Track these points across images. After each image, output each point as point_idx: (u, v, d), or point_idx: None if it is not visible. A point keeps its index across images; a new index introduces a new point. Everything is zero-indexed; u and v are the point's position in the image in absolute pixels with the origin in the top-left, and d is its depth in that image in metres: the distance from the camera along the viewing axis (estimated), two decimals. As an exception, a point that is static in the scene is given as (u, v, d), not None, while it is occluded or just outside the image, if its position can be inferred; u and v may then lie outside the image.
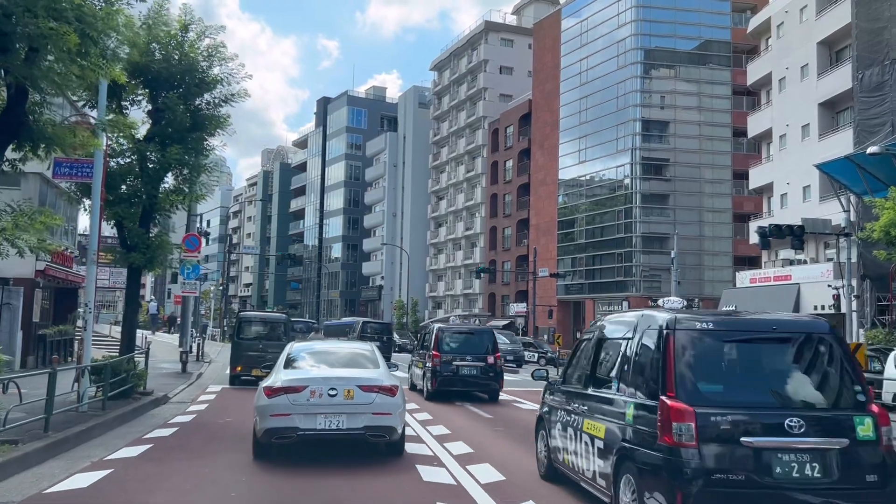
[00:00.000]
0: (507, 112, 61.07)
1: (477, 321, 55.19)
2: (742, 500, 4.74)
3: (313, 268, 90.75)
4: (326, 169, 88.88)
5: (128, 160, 13.88)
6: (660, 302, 6.15)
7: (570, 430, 6.57)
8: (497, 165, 61.74)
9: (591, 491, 6.14)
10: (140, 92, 13.77)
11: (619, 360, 5.91)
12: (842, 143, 30.91)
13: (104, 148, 11.58)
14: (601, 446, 5.79)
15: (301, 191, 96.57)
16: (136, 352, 15.10)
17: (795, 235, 23.02)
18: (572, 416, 6.58)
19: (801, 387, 5.18)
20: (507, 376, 18.54)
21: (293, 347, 9.53)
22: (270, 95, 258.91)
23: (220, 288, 43.54)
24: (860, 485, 4.81)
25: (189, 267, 19.60)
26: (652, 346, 5.35)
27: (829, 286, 27.51)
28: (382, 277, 76.95)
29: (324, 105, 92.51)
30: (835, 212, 28.43)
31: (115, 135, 13.23)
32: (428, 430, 10.67)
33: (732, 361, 5.29)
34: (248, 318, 19.62)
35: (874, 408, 5.08)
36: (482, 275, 61.07)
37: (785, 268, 34.89)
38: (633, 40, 47.55)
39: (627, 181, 47.14)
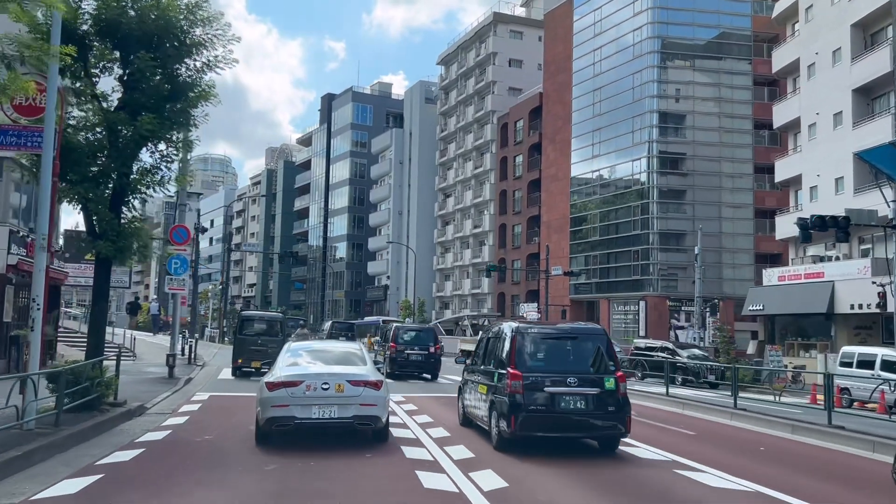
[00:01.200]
0: (517, 106, 59.15)
1: (486, 321, 53.32)
2: (544, 420, 8.96)
3: (317, 267, 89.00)
4: (331, 167, 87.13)
5: (97, 135, 12.03)
6: (522, 314, 12.24)
7: (472, 392, 10.86)
8: (506, 161, 59.83)
9: (481, 426, 10.30)
10: (110, 56, 11.92)
11: (494, 349, 10.17)
12: (879, 131, 28.91)
13: (60, 112, 9.74)
14: (484, 398, 10.00)
15: (305, 189, 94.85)
16: (110, 354, 13.23)
17: (840, 227, 21.02)
18: (474, 383, 10.84)
19: (579, 361, 9.40)
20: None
21: (291, 346, 10.79)
22: (278, 97, 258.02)
23: (220, 287, 41.73)
24: (605, 412, 9.11)
25: (176, 262, 17.77)
26: (507, 342, 9.56)
27: (874, 283, 25.48)
28: (388, 277, 75.12)
29: (328, 102, 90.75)
30: (872, 204, 26.47)
31: (80, 104, 11.41)
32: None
33: (544, 349, 9.57)
34: (250, 317, 21.70)
35: (619, 373, 9.32)
36: (491, 274, 59.20)
37: (816, 265, 32.86)
38: (649, 29, 45.57)
39: (644, 176, 45.16)
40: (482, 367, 10.57)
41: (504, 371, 9.30)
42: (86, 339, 18.60)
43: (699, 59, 46.17)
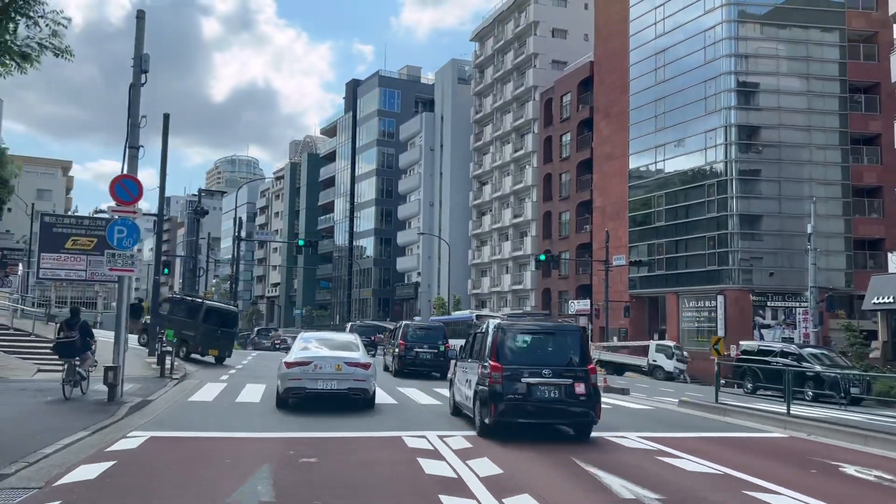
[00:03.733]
0: (563, 78, 52.84)
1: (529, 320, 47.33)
2: (521, 407, 9.86)
3: (343, 265, 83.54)
4: (357, 157, 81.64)
5: None
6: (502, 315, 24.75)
7: (461, 384, 12.00)
8: (551, 141, 53.54)
9: (468, 413, 11.27)
10: None
11: (479, 344, 11.21)
12: None
13: None
14: (471, 387, 10.88)
15: (330, 182, 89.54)
16: None
17: None
18: (463, 375, 12.01)
19: (555, 356, 10.40)
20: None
21: (304, 335, 14.37)
22: (307, 100, 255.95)
23: (230, 283, 36.20)
24: (577, 401, 9.98)
25: (120, 229, 11.97)
26: (490, 337, 10.53)
27: None
28: (419, 274, 69.25)
29: (353, 88, 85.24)
30: None
31: None
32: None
33: (523, 343, 10.59)
34: (211, 308, 22.19)
35: (590, 366, 10.38)
36: (535, 268, 52.98)
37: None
38: (722, -22, 39.01)
39: (720, 150, 38.53)
40: (469, 361, 11.73)
41: (487, 364, 10.34)
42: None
43: (781, 12, 39.47)
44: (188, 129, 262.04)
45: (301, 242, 35.37)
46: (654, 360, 32.92)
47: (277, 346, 42.55)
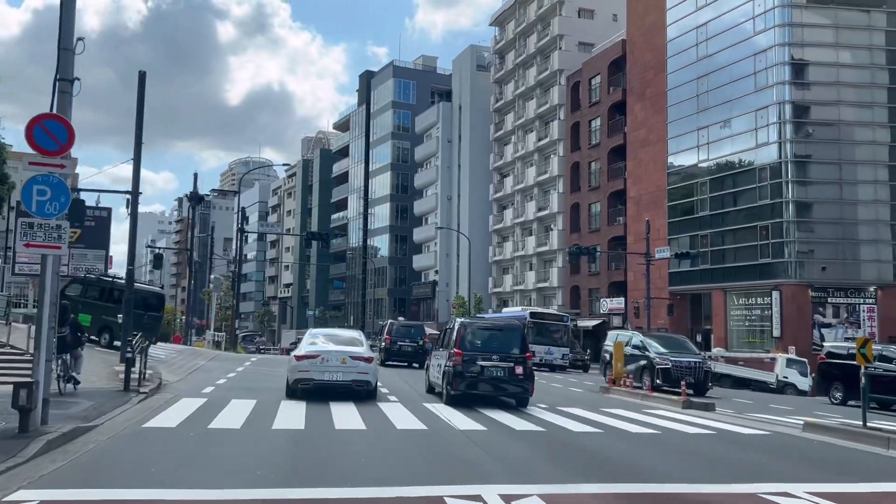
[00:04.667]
0: (592, 60, 49.18)
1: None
2: (474, 382, 12.95)
3: (357, 264, 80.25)
4: (370, 151, 78.33)
5: None
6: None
7: (434, 368, 14.95)
8: (579, 128, 49.87)
9: (438, 390, 14.21)
10: None
11: (448, 337, 14.31)
12: None
13: None
14: (441, 369, 13.80)
15: (343, 178, 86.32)
16: None
17: None
18: (435, 361, 15.08)
19: (502, 345, 13.54)
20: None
21: (312, 331, 15.51)
22: (322, 103, 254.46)
23: (231, 279, 32.91)
24: (517, 379, 13.06)
25: (41, 189, 8.58)
26: (455, 332, 13.69)
27: None
28: (436, 272, 65.78)
29: (367, 80, 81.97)
30: None
31: None
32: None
33: (479, 335, 13.78)
34: (136, 291, 19.34)
35: (528, 354, 13.51)
36: (562, 265, 49.36)
37: None
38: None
39: (772, 130, 34.73)
40: (440, 350, 14.86)
41: (452, 351, 13.47)
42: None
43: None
44: (203, 132, 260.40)
45: (311, 234, 31.95)
46: (786, 377, 27.17)
47: (262, 350, 44.41)
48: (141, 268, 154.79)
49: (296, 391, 13.08)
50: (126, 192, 17.09)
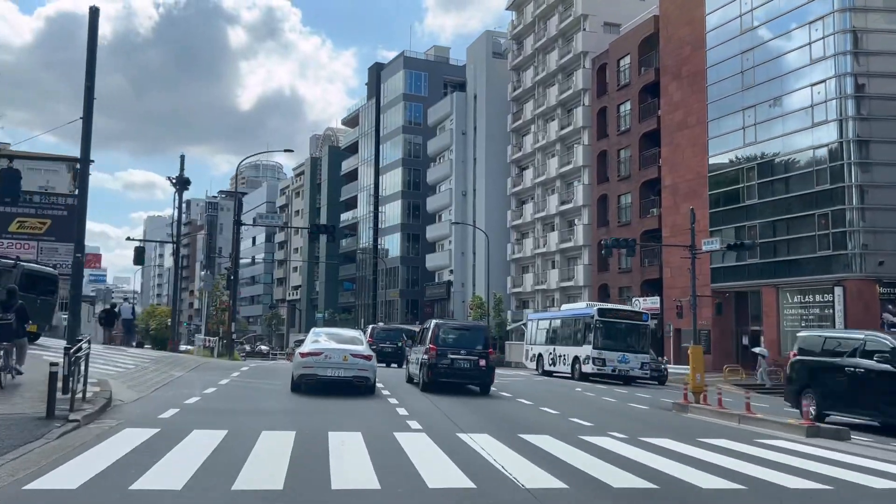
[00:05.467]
0: (620, 39, 45.49)
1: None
2: (443, 372, 15.93)
3: (368, 264, 76.84)
4: (381, 146, 74.95)
5: None
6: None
7: (413, 362, 17.80)
8: (606, 114, 46.18)
9: (415, 379, 16.93)
10: None
11: (424, 335, 16.92)
12: None
13: None
14: (418, 363, 16.71)
15: (353, 175, 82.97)
16: None
17: None
18: (413, 356, 17.83)
19: (469, 343, 16.37)
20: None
21: (316, 331, 16.19)
22: (333, 108, 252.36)
23: (229, 276, 29.48)
24: (480, 370, 16.14)
25: None
26: (431, 331, 16.42)
27: None
28: (451, 272, 62.22)
29: (376, 73, 78.61)
30: None
31: None
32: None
33: (451, 334, 16.67)
34: (27, 272, 18.22)
35: (490, 350, 16.54)
36: (588, 262, 45.67)
37: None
38: None
39: (832, 106, 30.91)
40: (418, 346, 17.61)
41: (427, 346, 16.20)
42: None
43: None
44: (215, 137, 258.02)
45: (314, 231, 28.48)
46: None
47: (267, 354, 43.78)
48: (149, 268, 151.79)
49: (300, 386, 14.17)
50: (74, 160, 13.66)
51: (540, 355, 30.73)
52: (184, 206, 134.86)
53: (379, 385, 15.44)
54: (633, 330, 26.57)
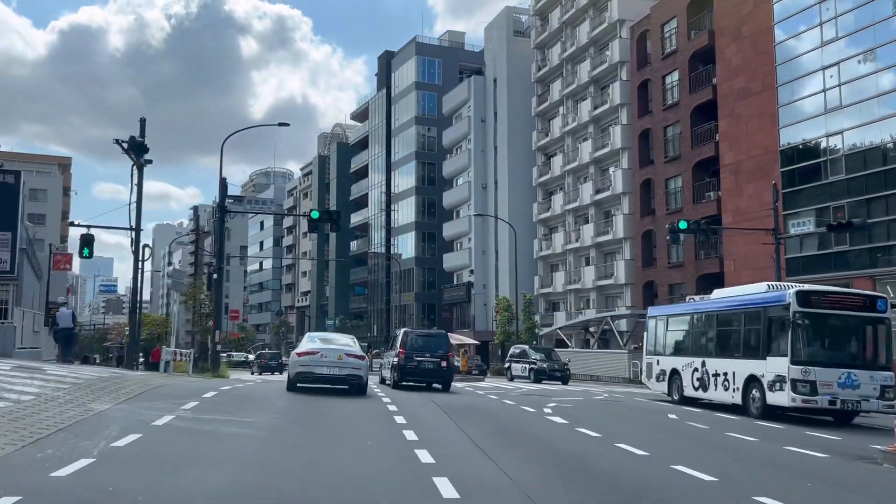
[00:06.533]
0: (663, 2, 40.00)
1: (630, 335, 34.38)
2: (413, 373, 19.34)
3: (381, 267, 71.63)
4: (392, 140, 69.82)
5: None
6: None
7: (385, 365, 21.37)
8: (648, 87, 40.73)
9: (387, 380, 20.41)
10: None
11: (395, 341, 20.69)
12: None
13: None
14: (389, 364, 20.39)
15: (363, 172, 77.91)
16: None
17: None
18: (385, 360, 21.66)
19: (433, 347, 19.64)
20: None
21: (311, 334, 18.42)
22: (344, 116, 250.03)
23: (214, 275, 24.18)
24: (441, 370, 19.31)
25: None
26: (400, 337, 20.00)
27: None
28: (471, 272, 56.84)
29: (386, 62, 73.56)
30: None
31: None
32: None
33: (417, 339, 19.97)
34: None
35: (450, 353, 20.37)
36: (630, 256, 40.17)
37: None
38: None
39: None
40: (389, 350, 21.22)
41: (397, 350, 19.24)
42: None
43: None
44: (228, 146, 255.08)
45: (314, 214, 23.25)
46: None
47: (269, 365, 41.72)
48: (158, 274, 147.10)
49: (295, 384, 15.33)
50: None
51: (674, 372, 19.17)
52: (190, 212, 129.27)
53: (376, 388, 17.18)
54: (862, 328, 15.17)
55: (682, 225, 23.27)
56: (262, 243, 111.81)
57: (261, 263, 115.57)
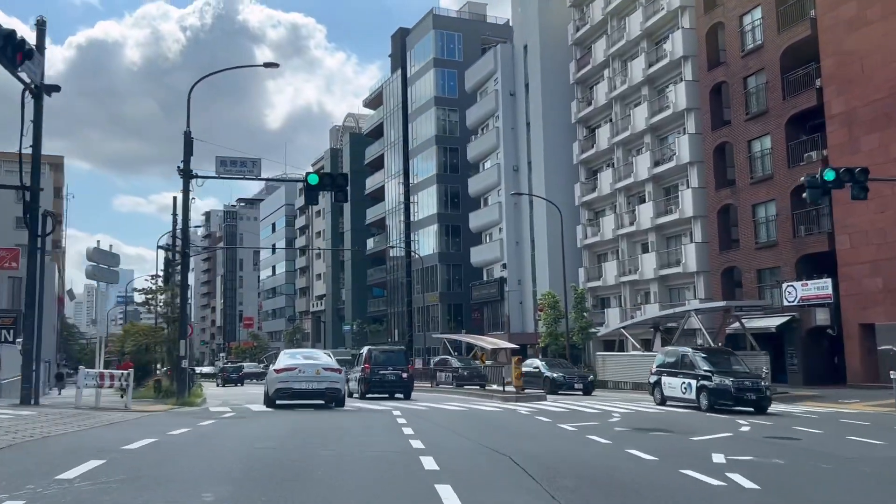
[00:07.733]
0: (736, -72, 32.92)
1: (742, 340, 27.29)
2: (378, 385, 22.68)
3: (400, 265, 65.03)
4: (409, 125, 63.26)
5: None
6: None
7: (353, 379, 23.16)
8: (719, 32, 33.68)
9: (355, 392, 22.98)
10: None
11: (360, 358, 24.38)
12: None
13: None
14: (356, 378, 23.20)
15: (378, 164, 71.50)
16: None
17: None
18: (352, 375, 23.32)
19: (395, 362, 23.25)
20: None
21: (287, 351, 18.85)
22: (360, 121, 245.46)
23: (168, 270, 17.51)
24: (403, 382, 22.75)
25: None
26: (365, 354, 23.84)
27: None
28: (503, 266, 50.04)
29: (401, 40, 67.05)
30: None
31: None
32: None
33: (381, 355, 23.50)
34: None
35: (410, 366, 24.85)
36: (702, 239, 33.15)
37: None
38: None
39: None
40: (356, 367, 23.91)
41: (363, 366, 22.62)
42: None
43: None
44: (245, 155, 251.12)
45: (312, 179, 16.60)
46: None
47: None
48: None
49: (274, 401, 16.07)
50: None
51: None
52: (202, 217, 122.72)
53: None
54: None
55: (829, 175, 16.29)
56: (273, 246, 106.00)
57: (273, 268, 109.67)
